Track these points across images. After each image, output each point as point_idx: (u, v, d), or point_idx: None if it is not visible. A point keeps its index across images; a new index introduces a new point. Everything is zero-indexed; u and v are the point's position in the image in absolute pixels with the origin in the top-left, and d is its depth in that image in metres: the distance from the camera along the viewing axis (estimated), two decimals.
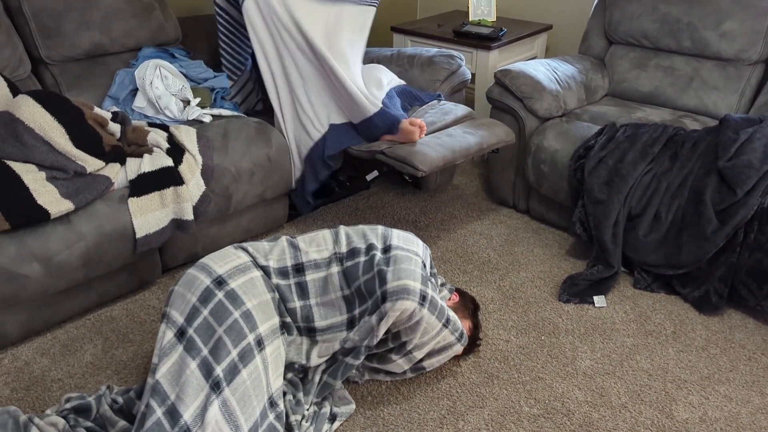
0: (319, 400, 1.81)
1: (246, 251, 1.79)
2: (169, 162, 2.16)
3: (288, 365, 1.80)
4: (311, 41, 2.34)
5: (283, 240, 1.86)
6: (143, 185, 2.09)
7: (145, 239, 2.09)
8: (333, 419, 1.77)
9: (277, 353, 1.70)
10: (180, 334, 1.63)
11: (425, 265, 1.83)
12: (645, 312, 2.26)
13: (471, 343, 1.99)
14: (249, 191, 2.41)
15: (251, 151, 2.40)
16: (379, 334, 1.72)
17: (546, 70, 2.81)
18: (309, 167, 2.52)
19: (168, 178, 2.12)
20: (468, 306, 2.03)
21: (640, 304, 2.30)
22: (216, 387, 1.55)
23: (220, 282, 1.67)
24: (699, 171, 2.26)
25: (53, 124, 1.98)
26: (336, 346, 1.79)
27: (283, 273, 1.79)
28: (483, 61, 3.24)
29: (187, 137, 2.28)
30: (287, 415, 1.71)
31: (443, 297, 2.01)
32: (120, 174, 2.11)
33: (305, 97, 2.46)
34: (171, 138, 2.28)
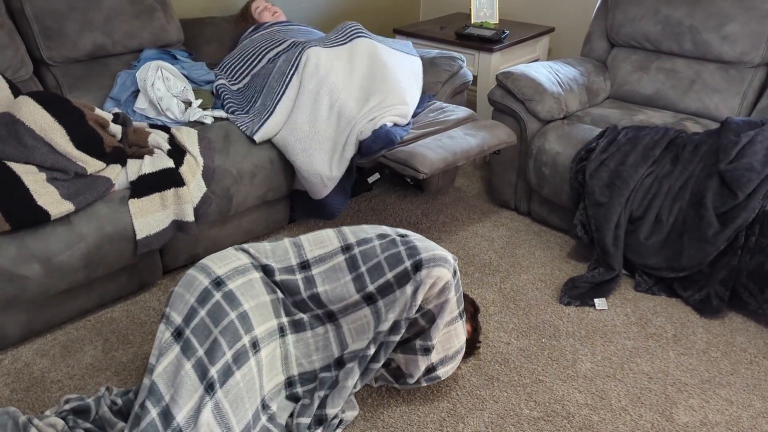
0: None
1: (247, 252, 1.79)
2: (170, 163, 2.16)
3: (324, 366, 1.80)
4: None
5: (286, 241, 1.86)
6: (144, 186, 2.09)
7: (146, 240, 2.09)
8: (339, 424, 1.77)
9: (273, 356, 1.70)
10: (177, 334, 1.63)
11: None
12: (646, 315, 2.25)
13: (470, 346, 1.99)
14: (250, 193, 2.41)
15: (253, 153, 2.41)
16: (417, 304, 1.69)
17: (548, 72, 2.80)
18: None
19: (169, 179, 2.12)
20: (468, 309, 2.02)
21: (641, 306, 2.29)
22: (210, 389, 1.55)
23: (218, 283, 1.67)
24: (700, 174, 2.25)
25: (54, 125, 1.99)
26: (369, 324, 1.77)
27: (289, 271, 1.78)
28: (485, 63, 3.24)
29: (189, 139, 2.28)
30: (292, 415, 1.71)
31: None
32: (121, 175, 2.12)
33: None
34: (172, 139, 2.28)
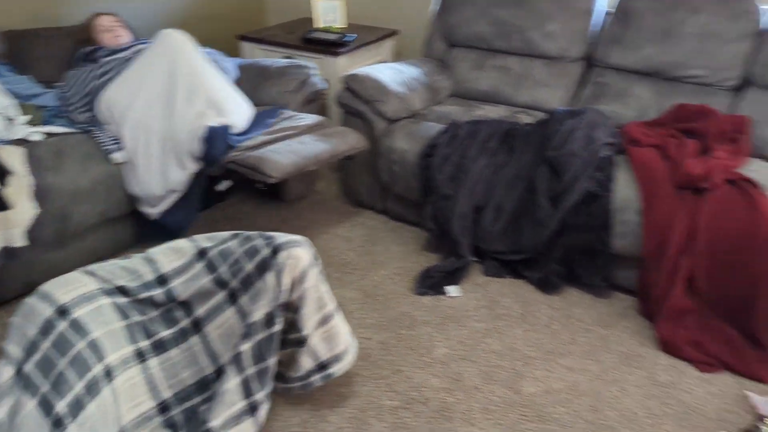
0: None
1: (94, 276, 1.68)
2: None
3: (199, 380, 1.72)
4: None
5: (136, 258, 1.77)
6: None
7: None
8: None
9: (132, 383, 1.61)
10: (18, 371, 1.50)
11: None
12: (495, 297, 2.39)
13: None
14: (89, 211, 2.27)
15: (89, 169, 2.27)
16: (285, 288, 1.66)
17: (392, 73, 2.89)
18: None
19: None
20: None
21: (490, 290, 2.43)
22: (58, 424, 1.44)
23: (63, 311, 1.55)
24: (531, 161, 2.43)
25: None
26: (238, 325, 1.70)
27: (148, 287, 1.69)
28: (332, 67, 3.28)
29: (13, 157, 2.11)
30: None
31: None
32: None
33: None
34: None
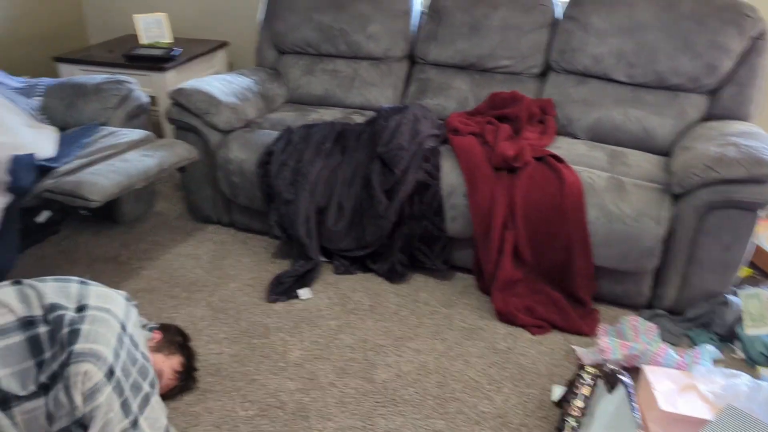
0: None
1: None
2: None
3: None
4: None
5: None
6: None
7: None
8: None
9: None
10: None
11: (125, 329, 1.64)
12: (346, 294, 2.45)
13: (186, 377, 1.92)
14: None
15: None
16: (77, 404, 1.49)
17: (221, 84, 2.86)
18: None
19: None
20: (174, 340, 1.93)
21: (341, 287, 2.49)
22: None
23: None
24: (365, 159, 2.52)
25: None
26: (41, 421, 1.54)
27: None
28: (161, 83, 3.19)
29: None
30: None
31: (146, 337, 1.85)
32: None
33: None
34: None
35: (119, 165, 2.27)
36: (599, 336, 2.17)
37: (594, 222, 2.20)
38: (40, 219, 2.45)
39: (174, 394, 1.91)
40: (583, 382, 1.81)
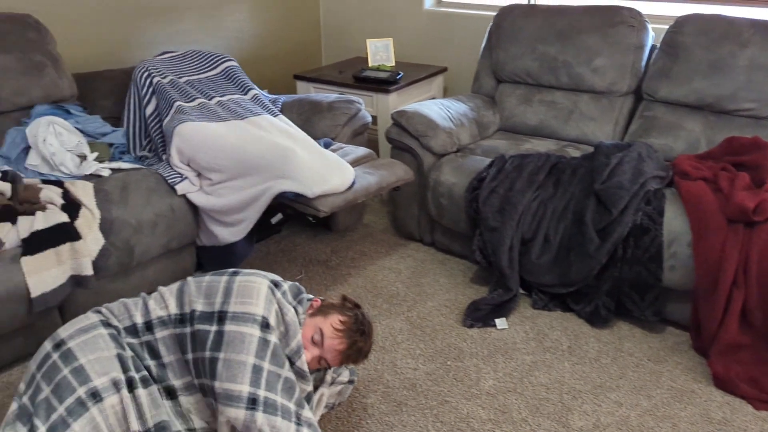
0: None
1: (99, 312, 1.76)
2: (64, 218, 2.13)
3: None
4: None
5: (141, 297, 1.84)
6: (36, 243, 2.05)
7: (41, 298, 2.05)
8: None
9: (121, 407, 1.62)
10: (19, 406, 1.62)
11: (267, 326, 1.69)
12: (543, 330, 2.38)
13: (352, 336, 1.81)
14: (152, 243, 2.40)
15: (152, 202, 2.41)
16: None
17: (439, 109, 2.97)
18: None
19: (63, 234, 2.10)
20: (334, 303, 1.89)
21: (538, 323, 2.43)
22: None
23: (59, 345, 1.65)
24: (579, 194, 2.44)
25: None
26: (213, 409, 1.70)
27: (133, 332, 1.75)
28: (383, 104, 3.38)
29: (84, 192, 2.26)
30: None
31: (305, 307, 1.87)
32: (11, 233, 2.07)
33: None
34: (66, 194, 2.25)
35: None
36: None
37: None
38: (274, 220, 2.73)
39: (351, 358, 1.83)
40: None
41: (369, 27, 4.11)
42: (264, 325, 1.68)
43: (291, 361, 1.75)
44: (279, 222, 2.88)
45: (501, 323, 2.42)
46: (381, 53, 3.73)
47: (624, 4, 3.06)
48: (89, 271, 2.14)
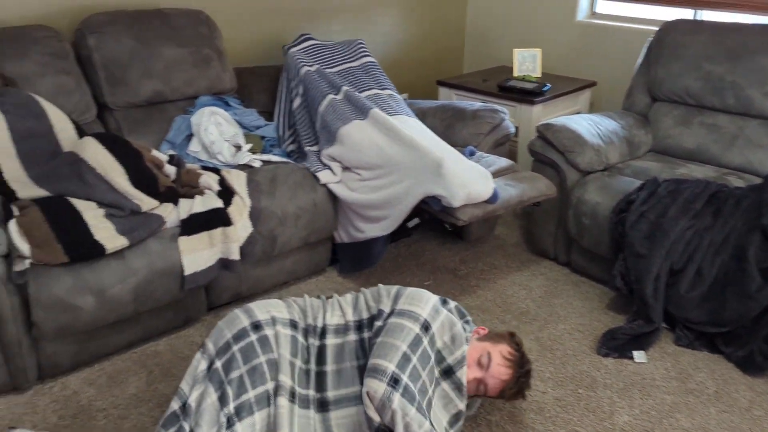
0: None
1: (290, 307, 1.85)
2: (219, 203, 2.26)
3: None
4: None
5: (320, 300, 1.93)
6: (193, 225, 2.19)
7: (193, 277, 2.18)
8: None
9: (280, 412, 1.63)
10: (211, 364, 1.71)
11: (428, 328, 1.75)
12: (686, 370, 2.21)
13: (520, 365, 1.83)
14: (294, 234, 2.49)
15: (298, 196, 2.50)
16: (375, 418, 1.63)
17: (588, 125, 2.84)
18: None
19: (217, 218, 2.22)
20: (501, 334, 1.91)
21: (681, 361, 2.25)
22: (228, 423, 1.60)
23: (256, 326, 1.73)
24: (742, 228, 2.24)
25: (114, 164, 2.12)
26: (360, 427, 1.71)
27: (308, 333, 1.83)
28: (526, 115, 3.30)
29: (237, 181, 2.39)
30: None
31: (468, 330, 1.92)
32: (172, 213, 2.22)
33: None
34: (222, 181, 2.39)
35: None
36: None
37: None
38: (411, 223, 2.74)
39: (509, 392, 1.82)
40: None
41: (514, 36, 4.03)
42: (424, 327, 1.74)
43: (452, 371, 1.77)
44: (414, 226, 2.89)
45: (639, 356, 2.27)
46: (528, 63, 3.65)
47: None
48: (236, 256, 2.25)
